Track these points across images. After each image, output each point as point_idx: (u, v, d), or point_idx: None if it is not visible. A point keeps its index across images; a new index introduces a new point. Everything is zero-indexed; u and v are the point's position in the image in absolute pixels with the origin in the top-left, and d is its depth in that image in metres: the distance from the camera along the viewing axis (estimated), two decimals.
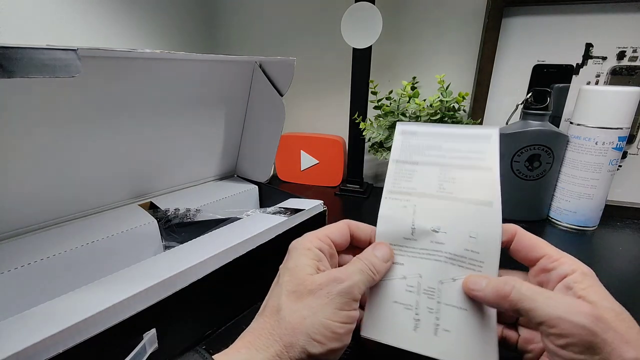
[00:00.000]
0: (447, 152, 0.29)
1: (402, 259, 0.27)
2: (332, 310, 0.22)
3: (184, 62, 0.40)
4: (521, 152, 0.53)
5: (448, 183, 0.28)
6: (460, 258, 0.26)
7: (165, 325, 0.27)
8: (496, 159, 0.28)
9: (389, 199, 0.29)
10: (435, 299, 0.25)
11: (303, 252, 0.26)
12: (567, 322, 0.19)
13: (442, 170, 0.28)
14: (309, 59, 0.73)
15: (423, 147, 0.30)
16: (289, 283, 0.24)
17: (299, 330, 0.22)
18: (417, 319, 0.25)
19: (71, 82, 0.32)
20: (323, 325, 0.22)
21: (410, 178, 0.29)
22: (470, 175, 0.28)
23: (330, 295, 0.23)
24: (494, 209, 0.26)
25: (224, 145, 0.53)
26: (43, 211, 0.36)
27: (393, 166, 0.30)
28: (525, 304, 0.21)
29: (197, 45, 0.76)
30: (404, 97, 0.60)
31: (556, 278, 0.23)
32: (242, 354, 0.21)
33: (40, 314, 0.23)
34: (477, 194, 0.27)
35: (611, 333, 0.18)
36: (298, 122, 0.79)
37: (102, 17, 0.55)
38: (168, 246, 0.40)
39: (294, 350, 0.21)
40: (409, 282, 0.26)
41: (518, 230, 0.26)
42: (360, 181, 0.69)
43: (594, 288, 0.21)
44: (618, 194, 0.60)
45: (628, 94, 0.48)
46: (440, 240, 0.26)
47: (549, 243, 0.25)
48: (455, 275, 0.25)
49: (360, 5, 0.56)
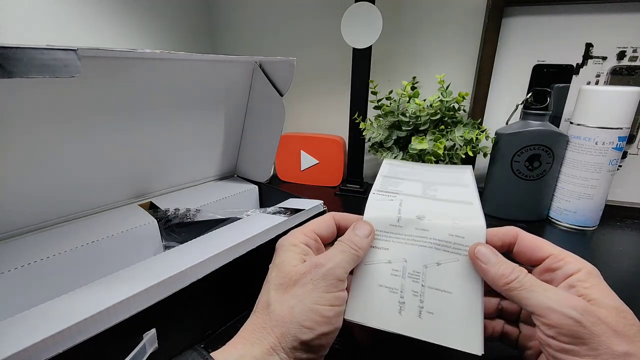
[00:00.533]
0: (429, 176, 0.34)
1: (387, 244, 0.28)
2: (318, 294, 0.23)
3: (184, 62, 0.40)
4: (521, 152, 0.53)
5: (431, 191, 0.31)
6: (446, 243, 0.26)
7: (165, 325, 0.27)
8: (473, 181, 0.32)
9: (377, 194, 0.31)
10: (419, 283, 0.26)
11: (289, 248, 0.26)
12: (556, 313, 0.20)
13: (425, 184, 0.32)
14: (309, 59, 0.73)
15: (408, 172, 0.36)
16: (276, 278, 0.24)
17: (289, 320, 0.22)
18: (402, 302, 0.26)
19: (71, 82, 0.32)
20: (311, 310, 0.22)
21: (397, 185, 0.33)
22: (451, 189, 0.31)
23: (314, 280, 0.23)
24: (474, 206, 0.28)
25: (224, 145, 0.53)
26: (43, 211, 0.36)
27: (380, 179, 0.34)
28: (521, 292, 0.22)
29: (197, 45, 0.76)
30: (404, 97, 0.60)
31: (561, 277, 0.23)
32: (238, 350, 0.22)
33: (40, 314, 0.23)
34: (458, 197, 0.30)
35: (601, 326, 0.19)
36: (298, 122, 0.79)
37: (102, 17, 0.55)
38: (168, 246, 0.40)
39: (286, 340, 0.22)
40: (394, 267, 0.27)
41: (520, 233, 0.26)
42: (360, 181, 0.69)
43: (598, 286, 0.21)
44: (618, 194, 0.60)
45: (628, 94, 0.48)
46: (426, 227, 0.27)
47: (551, 243, 0.25)
48: (440, 260, 0.26)
49: (360, 5, 0.56)
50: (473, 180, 0.32)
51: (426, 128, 0.57)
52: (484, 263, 0.24)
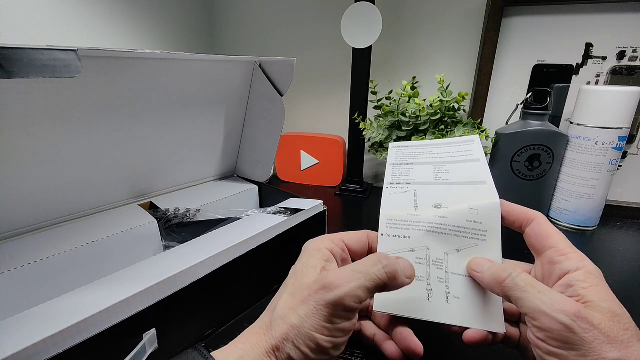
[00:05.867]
0: (438, 154, 0.33)
1: (408, 232, 0.28)
2: (319, 322, 0.20)
3: (184, 62, 0.40)
4: (521, 152, 0.53)
5: (443, 173, 0.30)
6: (464, 230, 0.27)
7: (165, 325, 0.27)
8: (482, 153, 0.31)
9: (390, 188, 0.31)
10: (443, 269, 0.27)
11: (312, 252, 0.25)
12: (548, 317, 0.19)
13: (436, 166, 0.32)
14: (309, 59, 0.73)
15: (416, 153, 0.34)
16: (291, 286, 0.24)
17: (286, 336, 0.21)
18: (430, 289, 0.26)
19: (71, 82, 0.32)
20: (308, 337, 0.20)
21: (408, 173, 0.32)
22: (462, 166, 0.31)
23: (318, 305, 0.21)
24: (488, 185, 0.28)
25: (224, 145, 0.53)
26: (43, 211, 0.36)
27: (390, 168, 0.33)
28: (515, 293, 0.21)
29: (197, 45, 0.76)
30: (404, 97, 0.60)
31: (559, 273, 0.22)
32: (238, 350, 0.22)
33: (40, 314, 0.23)
34: (470, 177, 0.29)
35: (593, 333, 0.19)
36: (298, 122, 0.79)
37: (102, 17, 0.55)
38: (168, 246, 0.40)
39: (280, 354, 0.21)
40: (418, 255, 0.27)
41: (538, 217, 0.26)
42: (360, 181, 0.69)
43: (597, 288, 0.21)
44: (618, 194, 0.60)
45: (628, 94, 0.48)
46: (443, 214, 0.27)
47: (565, 237, 0.24)
48: (459, 246, 0.27)
49: (360, 5, 0.56)
50: (482, 151, 0.31)
51: (426, 128, 0.57)
52: (478, 272, 0.24)
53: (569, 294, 0.21)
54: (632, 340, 0.19)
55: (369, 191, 0.69)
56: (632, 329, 0.20)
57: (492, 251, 0.26)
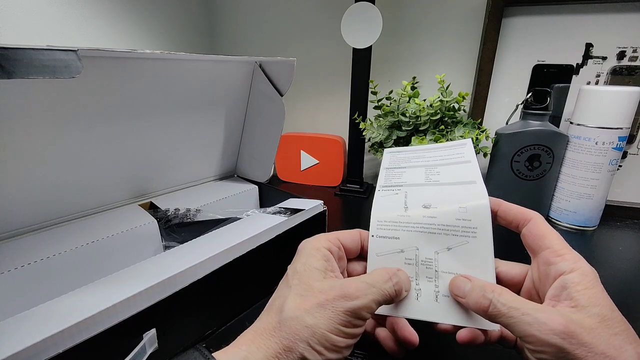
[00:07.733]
0: (430, 158, 0.34)
1: (397, 233, 0.28)
2: (336, 325, 0.22)
3: (184, 62, 0.40)
4: (521, 152, 0.53)
5: (433, 175, 0.31)
6: (454, 228, 0.27)
7: (165, 325, 0.27)
8: (474, 155, 0.31)
9: (382, 191, 0.31)
10: (433, 269, 0.27)
11: (311, 252, 0.26)
12: (540, 340, 0.20)
13: (428, 168, 0.32)
14: (309, 59, 0.73)
15: (409, 158, 0.35)
16: (297, 287, 0.24)
17: (300, 337, 0.21)
18: (419, 288, 0.27)
19: (71, 82, 0.32)
20: (324, 337, 0.22)
21: (400, 176, 0.33)
22: (453, 168, 0.31)
23: (337, 310, 0.22)
24: (478, 184, 0.28)
25: (224, 145, 0.53)
26: (43, 211, 0.36)
27: (383, 172, 0.34)
28: (501, 320, 0.22)
29: (197, 45, 0.76)
30: (404, 97, 0.60)
31: (554, 274, 0.22)
32: (242, 351, 0.21)
33: (40, 314, 0.23)
34: (460, 178, 0.29)
35: (583, 349, 0.19)
36: (298, 122, 0.79)
37: (102, 17, 0.55)
38: (168, 246, 0.40)
39: (292, 355, 0.21)
40: (407, 255, 0.27)
41: (535, 217, 0.26)
42: (360, 181, 0.69)
43: (590, 290, 0.21)
44: (618, 194, 0.60)
45: (628, 94, 0.48)
46: (432, 214, 0.27)
47: (561, 237, 0.24)
48: (450, 244, 0.27)
49: (360, 5, 0.56)
50: (473, 154, 0.32)
51: (426, 128, 0.57)
52: (461, 297, 0.24)
53: (563, 296, 0.21)
54: (623, 344, 0.19)
55: (369, 191, 0.69)
56: (621, 332, 0.19)
57: (483, 248, 0.26)
